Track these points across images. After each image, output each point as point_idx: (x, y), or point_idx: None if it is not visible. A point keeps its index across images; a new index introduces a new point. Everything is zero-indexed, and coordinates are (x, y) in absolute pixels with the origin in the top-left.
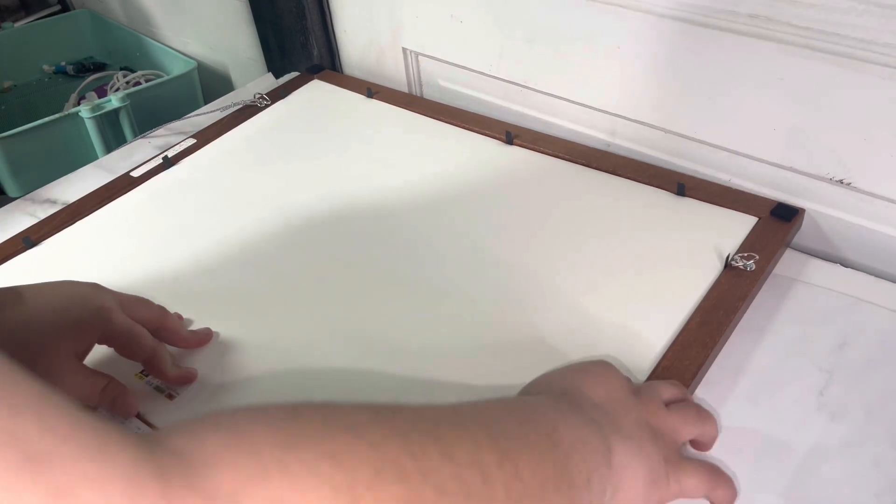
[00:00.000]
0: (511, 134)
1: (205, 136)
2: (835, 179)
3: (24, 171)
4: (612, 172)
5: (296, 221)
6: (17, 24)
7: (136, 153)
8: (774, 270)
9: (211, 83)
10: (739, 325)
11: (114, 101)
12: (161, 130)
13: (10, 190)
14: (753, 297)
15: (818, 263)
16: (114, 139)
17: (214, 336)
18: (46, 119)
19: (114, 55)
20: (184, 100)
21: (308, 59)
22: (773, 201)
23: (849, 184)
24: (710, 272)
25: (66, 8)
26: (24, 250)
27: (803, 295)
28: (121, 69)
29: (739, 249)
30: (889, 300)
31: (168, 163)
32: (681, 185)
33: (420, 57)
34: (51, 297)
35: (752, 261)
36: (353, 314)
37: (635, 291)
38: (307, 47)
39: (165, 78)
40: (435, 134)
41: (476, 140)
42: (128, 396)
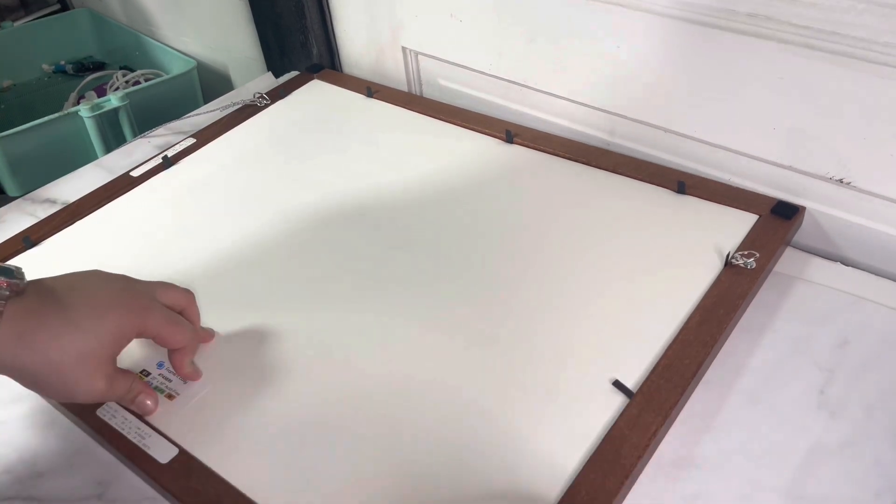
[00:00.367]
0: (511, 133)
1: (204, 136)
2: (835, 178)
3: (23, 170)
4: (612, 171)
5: (296, 221)
6: (16, 24)
7: (135, 153)
8: (775, 269)
9: (210, 82)
10: (740, 323)
11: (113, 100)
12: (161, 130)
13: (10, 189)
14: (754, 296)
15: (818, 262)
16: (113, 139)
17: (215, 335)
18: (46, 118)
19: (113, 54)
20: (183, 99)
21: (308, 58)
22: (774, 199)
23: (849, 183)
24: (710, 270)
25: (65, 7)
26: (24, 250)
27: (804, 293)
28: (120, 68)
29: (740, 247)
30: (889, 298)
31: (168, 162)
32: (681, 183)
33: (420, 56)
34: (89, 297)
35: (752, 259)
36: (352, 312)
37: (635, 289)
38: (307, 46)
39: (165, 77)
40: (435, 133)
41: (476, 139)
42: (149, 394)
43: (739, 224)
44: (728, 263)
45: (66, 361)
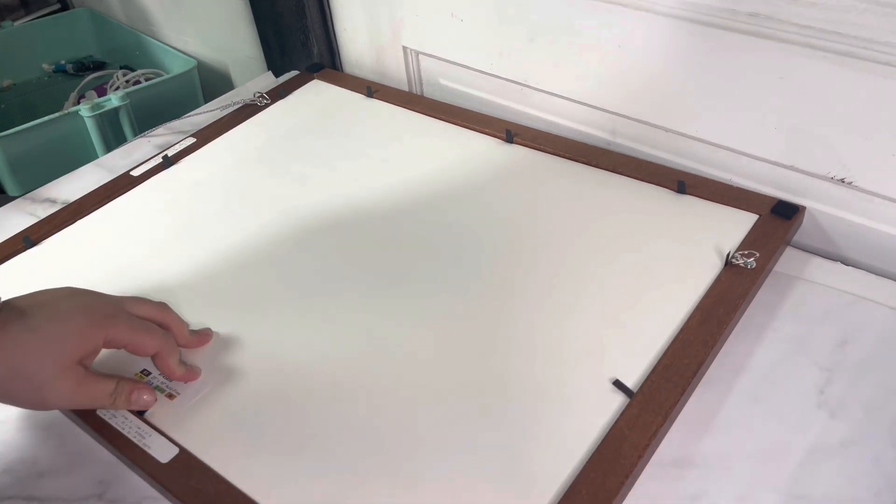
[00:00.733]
0: (511, 132)
1: (205, 135)
2: (835, 178)
3: (23, 170)
4: (612, 170)
5: (296, 220)
6: (16, 23)
7: (135, 152)
8: (775, 268)
9: (211, 82)
10: (740, 322)
11: (114, 99)
12: (161, 129)
13: (10, 189)
14: (754, 295)
15: (819, 261)
16: (114, 138)
17: (214, 335)
18: (46, 118)
19: (113, 54)
20: (184, 99)
21: (308, 57)
22: (774, 199)
23: (849, 183)
24: (710, 270)
25: (65, 7)
26: (24, 250)
27: (804, 293)
28: (120, 68)
29: (740, 247)
30: (889, 298)
31: (168, 162)
32: (681, 182)
33: (420, 55)
34: (53, 307)
35: (752, 258)
36: (352, 312)
37: (635, 289)
38: (307, 46)
39: (165, 77)
40: (435, 132)
41: (476, 139)
42: (142, 389)
43: (739, 224)
44: (728, 263)
45: (27, 365)
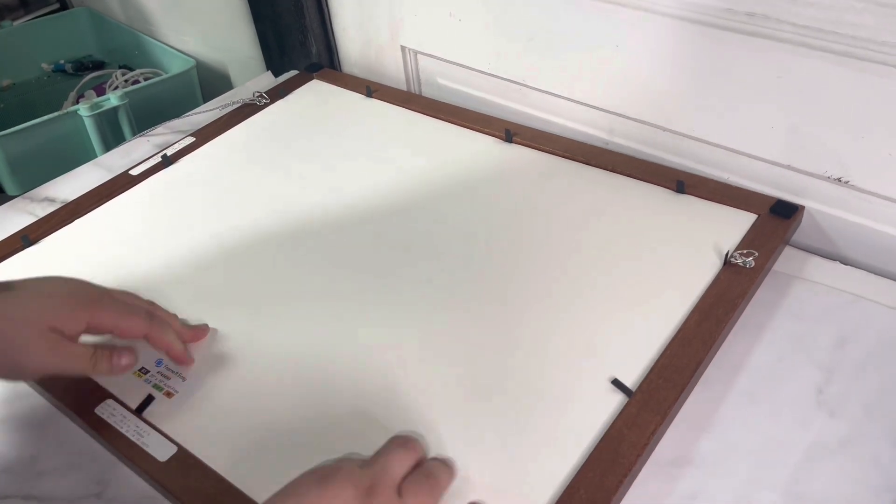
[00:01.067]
0: (510, 132)
1: (204, 135)
2: (833, 178)
3: (22, 169)
4: (611, 170)
5: (295, 219)
6: (16, 23)
7: (134, 151)
8: (774, 268)
9: (210, 82)
10: (738, 322)
11: (113, 99)
12: (160, 129)
13: (9, 188)
14: (752, 295)
15: (817, 261)
16: (113, 137)
17: (213, 333)
18: (45, 117)
19: (113, 53)
20: (183, 98)
21: (307, 57)
22: (773, 198)
23: (847, 182)
24: (709, 269)
25: (65, 6)
26: (23, 249)
27: (802, 292)
28: (120, 67)
29: (739, 246)
30: (888, 297)
31: (167, 161)
32: (680, 182)
33: (419, 55)
34: (39, 284)
35: (751, 258)
36: (352, 312)
37: (634, 288)
38: (306, 46)
39: (164, 76)
40: (434, 132)
41: (475, 138)
42: (122, 352)
43: (738, 223)
44: (727, 262)
45: (4, 328)
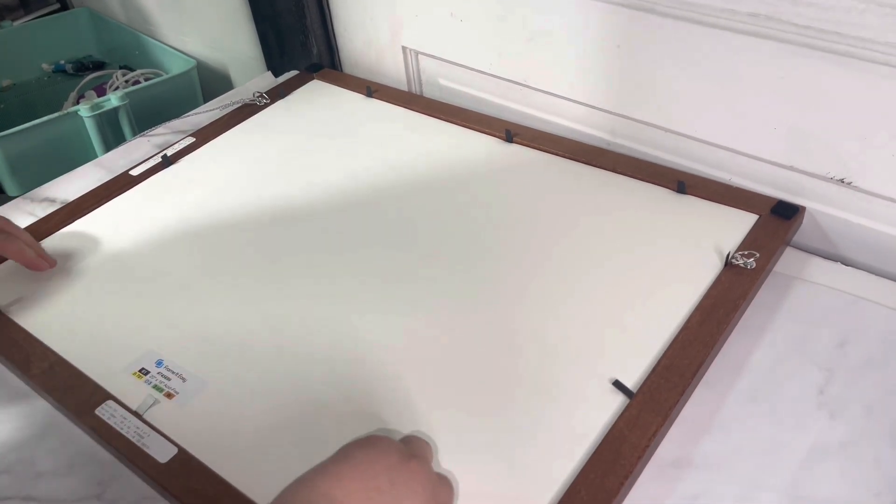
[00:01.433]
0: (511, 132)
1: (204, 135)
2: (835, 178)
3: (23, 169)
4: (612, 170)
5: (295, 220)
6: (16, 23)
7: (135, 152)
8: (775, 269)
9: (210, 82)
10: (739, 323)
11: (113, 99)
12: (160, 129)
13: (10, 189)
14: (754, 296)
15: (818, 262)
16: (113, 138)
17: (213, 334)
18: (46, 118)
19: (113, 54)
20: (183, 98)
21: (307, 57)
22: (774, 199)
23: (849, 183)
24: (710, 270)
25: (65, 6)
26: None
27: (803, 293)
28: (120, 68)
29: (740, 247)
30: (889, 298)
31: (167, 161)
32: (681, 183)
33: (420, 55)
34: None
35: (752, 259)
36: (353, 312)
37: (635, 289)
38: (307, 46)
39: (165, 76)
40: (435, 132)
41: (476, 138)
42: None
43: (739, 224)
44: (728, 263)
45: None
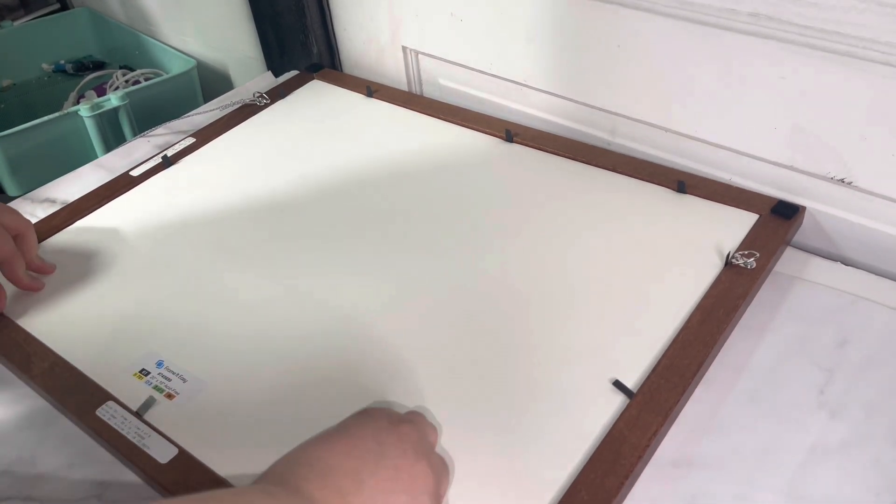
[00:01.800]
0: (511, 132)
1: (204, 135)
2: (835, 178)
3: (23, 170)
4: (612, 170)
5: (295, 220)
6: (16, 23)
7: (135, 152)
8: (775, 268)
9: (210, 82)
10: (740, 323)
11: (113, 99)
12: (160, 129)
13: (10, 189)
14: (754, 295)
15: (819, 261)
16: (113, 138)
17: (213, 334)
18: (46, 118)
19: (113, 54)
20: (183, 99)
21: (308, 57)
22: (774, 199)
23: (850, 183)
24: (710, 270)
25: (65, 6)
26: None
27: (804, 293)
28: (120, 68)
29: (740, 247)
30: (889, 298)
31: (167, 162)
32: (681, 182)
33: (420, 55)
34: None
35: (752, 259)
36: (353, 312)
37: (635, 289)
38: (307, 46)
39: (165, 77)
40: (435, 132)
41: (476, 138)
42: None
43: (739, 224)
44: (728, 263)
45: None
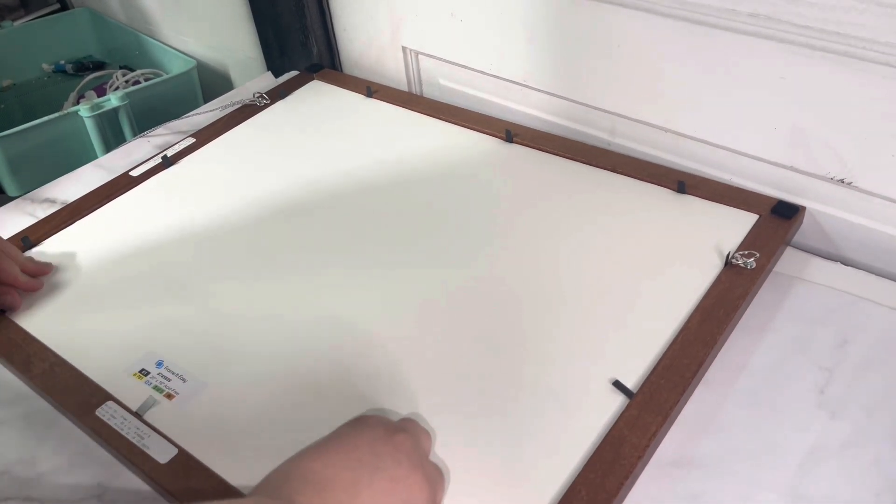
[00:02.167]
0: (511, 132)
1: (204, 136)
2: (835, 179)
3: (23, 170)
4: (612, 170)
5: (295, 220)
6: (16, 23)
7: (135, 152)
8: (775, 268)
9: (210, 82)
10: (740, 323)
11: (113, 100)
12: (160, 129)
13: (10, 189)
14: (754, 296)
15: (818, 262)
16: (113, 138)
17: (213, 334)
18: (46, 118)
19: (113, 54)
20: (183, 99)
21: (308, 57)
22: (774, 199)
23: (849, 183)
24: (710, 270)
25: (65, 6)
26: (24, 250)
27: (804, 293)
28: (120, 68)
29: (740, 247)
30: (889, 298)
31: (167, 162)
32: (681, 182)
33: (420, 56)
34: None
35: (752, 259)
36: (353, 312)
37: (635, 289)
38: (307, 46)
39: (165, 77)
40: (435, 133)
41: (476, 138)
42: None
43: (739, 224)
44: (728, 263)
45: None
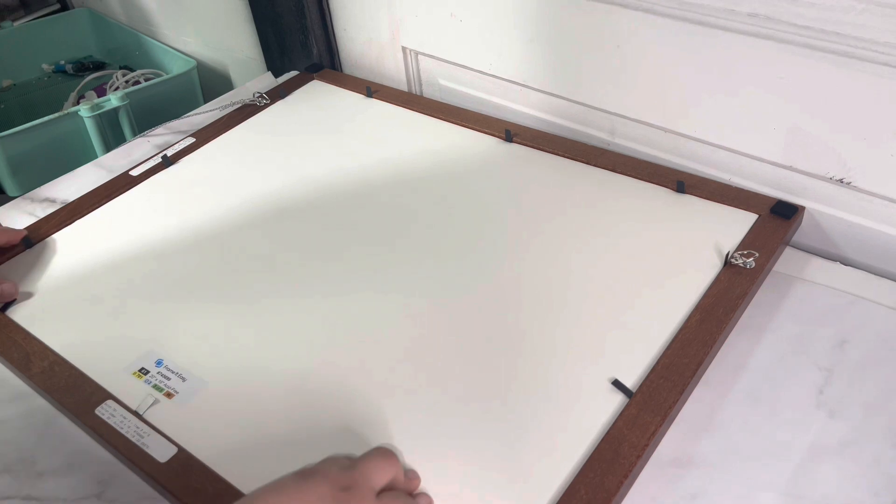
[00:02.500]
0: (511, 132)
1: (204, 135)
2: (835, 178)
3: (23, 170)
4: (611, 170)
5: (295, 220)
6: (16, 23)
7: (135, 152)
8: (774, 268)
9: (210, 82)
10: (739, 322)
11: (113, 100)
12: (160, 129)
13: (10, 189)
14: (753, 295)
15: (818, 261)
16: (113, 138)
17: (213, 333)
18: (46, 118)
19: (113, 54)
20: (183, 99)
21: (307, 57)
22: (773, 199)
23: (849, 183)
24: (709, 270)
25: (65, 7)
26: (24, 250)
27: (803, 293)
28: (120, 68)
29: (739, 247)
30: (888, 298)
31: (167, 162)
32: (680, 182)
33: (420, 56)
34: None
35: (751, 258)
36: (353, 312)
37: (634, 289)
38: (307, 46)
39: (165, 77)
40: (435, 132)
41: (476, 138)
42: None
43: (739, 224)
44: (727, 263)
45: None
